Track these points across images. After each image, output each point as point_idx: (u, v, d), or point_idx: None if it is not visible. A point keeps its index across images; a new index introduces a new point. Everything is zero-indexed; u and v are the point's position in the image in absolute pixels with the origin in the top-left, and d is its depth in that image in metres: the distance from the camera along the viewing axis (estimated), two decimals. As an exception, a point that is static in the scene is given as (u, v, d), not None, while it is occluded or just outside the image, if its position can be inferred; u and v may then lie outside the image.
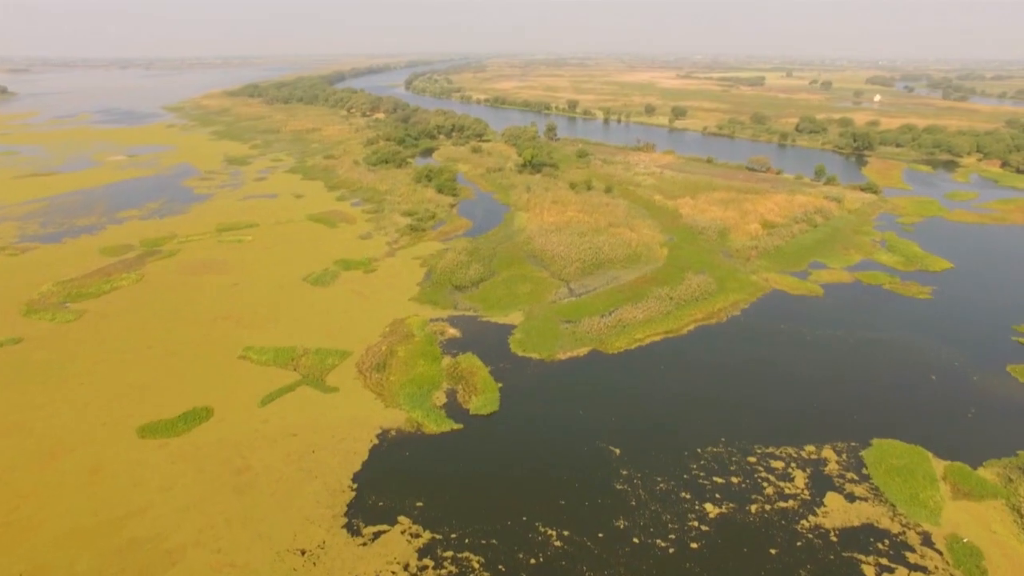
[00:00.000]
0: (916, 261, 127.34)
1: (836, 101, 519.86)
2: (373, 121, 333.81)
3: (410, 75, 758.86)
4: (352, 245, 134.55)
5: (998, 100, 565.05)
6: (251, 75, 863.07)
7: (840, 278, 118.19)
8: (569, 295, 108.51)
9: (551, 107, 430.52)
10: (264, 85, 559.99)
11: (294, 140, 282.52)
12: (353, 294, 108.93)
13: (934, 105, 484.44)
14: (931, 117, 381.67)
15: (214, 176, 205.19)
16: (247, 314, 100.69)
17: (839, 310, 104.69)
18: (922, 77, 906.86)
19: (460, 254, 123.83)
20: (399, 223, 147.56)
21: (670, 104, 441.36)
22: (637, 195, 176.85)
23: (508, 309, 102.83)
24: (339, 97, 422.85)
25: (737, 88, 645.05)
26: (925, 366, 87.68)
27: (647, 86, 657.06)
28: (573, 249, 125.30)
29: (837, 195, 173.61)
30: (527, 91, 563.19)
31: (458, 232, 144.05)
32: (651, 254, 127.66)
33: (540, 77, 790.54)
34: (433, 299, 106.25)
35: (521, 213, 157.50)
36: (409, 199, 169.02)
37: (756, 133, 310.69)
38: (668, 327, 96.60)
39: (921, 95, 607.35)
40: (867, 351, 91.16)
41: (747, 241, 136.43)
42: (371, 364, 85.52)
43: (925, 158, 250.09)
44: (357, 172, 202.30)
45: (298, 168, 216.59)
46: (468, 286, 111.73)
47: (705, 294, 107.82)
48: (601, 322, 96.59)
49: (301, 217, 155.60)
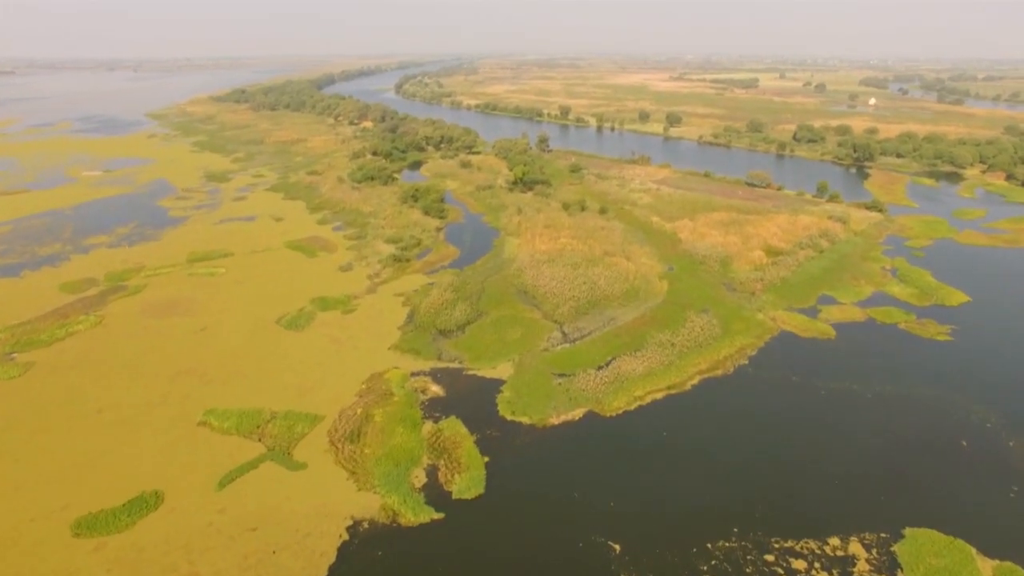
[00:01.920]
0: (931, 294, 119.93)
1: (831, 105, 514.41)
2: (360, 131, 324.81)
3: (400, 78, 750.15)
4: (331, 278, 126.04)
5: (992, 103, 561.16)
6: (241, 78, 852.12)
7: (852, 316, 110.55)
8: (562, 340, 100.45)
9: (543, 114, 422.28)
10: (252, 90, 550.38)
11: (278, 152, 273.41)
12: (329, 340, 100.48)
13: (930, 109, 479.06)
14: (928, 123, 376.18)
15: (191, 195, 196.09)
16: (213, 367, 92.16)
17: (853, 357, 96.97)
18: (914, 78, 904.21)
19: (445, 291, 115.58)
20: (382, 252, 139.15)
21: (664, 110, 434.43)
22: (633, 216, 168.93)
23: (496, 359, 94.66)
24: (327, 104, 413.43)
25: (731, 91, 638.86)
26: (954, 428, 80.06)
27: (640, 89, 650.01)
28: (566, 284, 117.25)
29: (842, 215, 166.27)
30: (519, 95, 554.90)
31: (444, 262, 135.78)
32: (650, 288, 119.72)
33: (532, 80, 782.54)
34: (415, 347, 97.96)
35: (511, 239, 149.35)
36: (394, 222, 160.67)
37: (753, 142, 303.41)
38: (670, 381, 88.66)
39: (915, 97, 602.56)
40: (887, 410, 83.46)
41: (751, 271, 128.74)
42: (344, 432, 77.27)
43: (927, 170, 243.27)
44: (341, 190, 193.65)
45: (280, 185, 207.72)
46: (454, 330, 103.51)
47: (709, 339, 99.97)
48: (597, 376, 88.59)
49: (279, 244, 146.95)
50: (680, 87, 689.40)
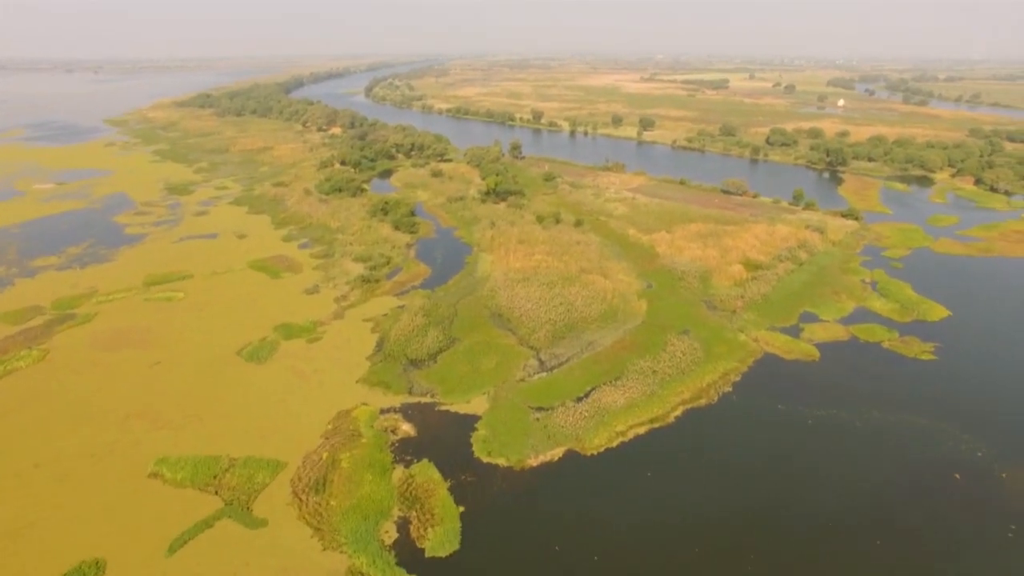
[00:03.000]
0: (912, 308, 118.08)
1: (801, 106, 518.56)
2: (329, 137, 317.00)
3: (370, 81, 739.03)
4: (296, 302, 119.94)
5: (955, 104, 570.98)
6: (206, 81, 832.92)
7: (835, 335, 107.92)
8: (539, 369, 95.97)
9: (515, 118, 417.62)
10: (217, 94, 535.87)
11: (243, 162, 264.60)
12: (293, 374, 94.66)
13: (896, 110, 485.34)
14: (896, 125, 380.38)
15: (151, 210, 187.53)
16: (167, 408, 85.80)
17: (839, 380, 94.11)
18: (879, 78, 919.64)
19: (416, 315, 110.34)
20: (350, 272, 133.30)
21: (636, 112, 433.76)
22: (609, 228, 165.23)
23: (470, 392, 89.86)
24: (294, 110, 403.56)
25: (702, 92, 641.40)
26: (945, 460, 77.40)
27: (611, 91, 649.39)
28: (542, 306, 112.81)
29: (819, 223, 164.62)
30: (490, 98, 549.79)
31: (415, 282, 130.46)
32: (628, 308, 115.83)
33: (503, 82, 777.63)
34: (385, 380, 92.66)
35: (485, 255, 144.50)
36: (363, 238, 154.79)
37: (727, 147, 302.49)
38: (653, 413, 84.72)
39: (882, 98, 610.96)
40: (877, 441, 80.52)
41: (731, 287, 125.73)
42: (309, 481, 71.85)
43: (899, 174, 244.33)
44: (308, 203, 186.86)
45: (244, 198, 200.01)
46: (425, 359, 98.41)
47: (691, 364, 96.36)
48: (577, 410, 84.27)
49: (242, 264, 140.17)
50: (651, 88, 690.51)
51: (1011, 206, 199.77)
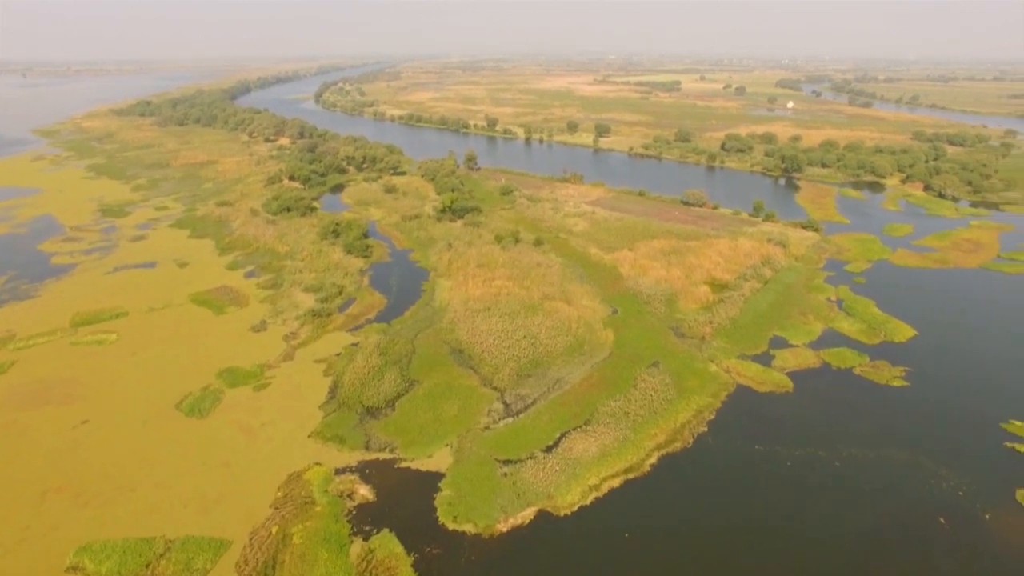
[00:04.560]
0: (879, 328, 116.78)
1: (752, 108, 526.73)
2: (277, 149, 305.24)
3: (320, 86, 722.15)
4: (242, 342, 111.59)
5: (896, 106, 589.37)
6: (147, 86, 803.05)
7: (806, 361, 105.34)
8: (504, 413, 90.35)
9: (469, 125, 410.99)
10: (158, 102, 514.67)
11: (186, 177, 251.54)
12: (239, 429, 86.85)
13: (843, 112, 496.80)
14: (844, 127, 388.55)
15: (82, 235, 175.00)
16: (93, 478, 77.13)
17: (814, 415, 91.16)
18: (824, 79, 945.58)
19: (371, 355, 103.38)
20: (300, 304, 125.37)
21: (591, 117, 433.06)
22: (570, 247, 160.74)
23: (432, 444, 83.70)
24: (240, 119, 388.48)
25: (655, 95, 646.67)
26: (929, 502, 74.75)
27: (565, 94, 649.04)
28: (505, 340, 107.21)
29: (780, 237, 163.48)
30: (444, 104, 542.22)
31: (370, 314, 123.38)
32: (595, 339, 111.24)
33: (457, 85, 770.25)
34: (339, 433, 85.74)
35: (443, 281, 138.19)
36: (313, 264, 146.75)
37: (683, 153, 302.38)
38: (627, 462, 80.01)
39: (829, 100, 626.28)
40: (858, 484, 77.39)
41: (698, 311, 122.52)
42: (256, 564, 64.66)
43: (852, 180, 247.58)
44: (255, 225, 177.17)
45: (186, 220, 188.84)
46: (382, 407, 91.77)
47: (663, 402, 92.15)
48: (547, 463, 78.94)
49: (182, 298, 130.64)
50: (605, 91, 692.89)
51: (959, 212, 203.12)
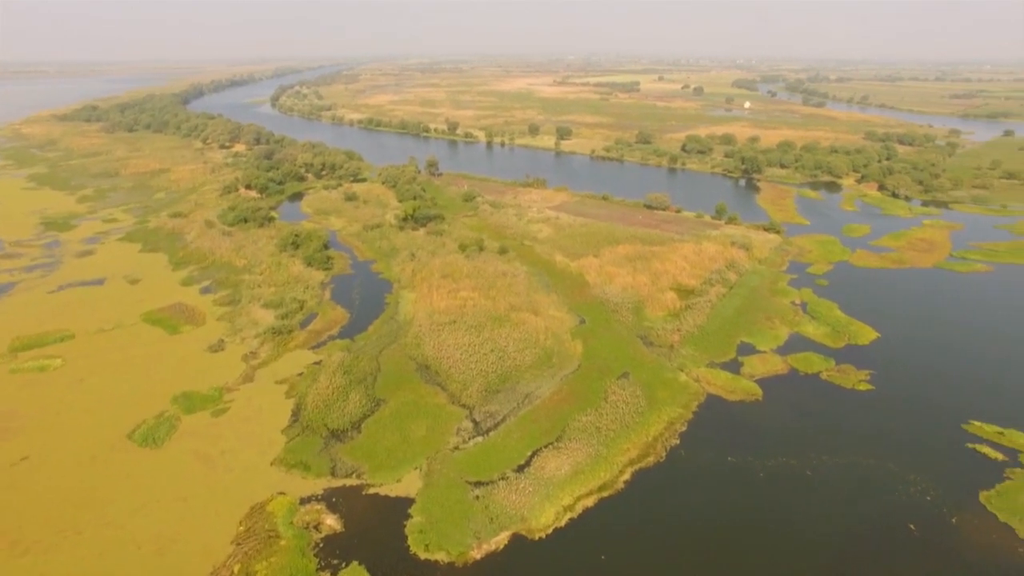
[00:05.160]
0: (843, 331, 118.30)
1: (710, 108, 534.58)
2: (232, 156, 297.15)
3: (277, 89, 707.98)
4: (198, 364, 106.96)
5: (847, 105, 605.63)
6: (93, 89, 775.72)
7: (774, 368, 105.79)
8: (474, 432, 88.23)
9: (430, 129, 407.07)
10: (105, 106, 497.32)
11: (136, 187, 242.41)
12: (196, 459, 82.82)
13: (798, 112, 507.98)
14: (800, 127, 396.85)
15: (22, 251, 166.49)
16: (33, 522, 72.14)
17: (784, 423, 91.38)
18: (778, 79, 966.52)
19: (335, 374, 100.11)
20: (260, 321, 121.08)
21: (552, 119, 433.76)
22: (535, 255, 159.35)
23: (401, 467, 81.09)
24: (193, 124, 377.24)
25: (615, 96, 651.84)
26: (898, 508, 75.33)
27: (525, 96, 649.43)
28: (472, 355, 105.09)
29: (743, 239, 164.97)
30: (403, 107, 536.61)
31: (332, 330, 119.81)
32: (563, 350, 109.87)
33: (416, 88, 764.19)
34: (304, 459, 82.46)
35: (406, 293, 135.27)
36: (272, 278, 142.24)
37: (645, 156, 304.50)
38: (601, 480, 78.72)
39: (784, 100, 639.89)
40: (829, 493, 77.53)
41: (666, 319, 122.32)
42: (214, 607, 61.31)
43: (810, 180, 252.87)
44: (210, 237, 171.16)
45: (137, 233, 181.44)
46: (348, 429, 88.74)
47: (635, 414, 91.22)
48: (519, 483, 77.14)
49: (134, 318, 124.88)
50: (565, 92, 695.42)
51: (912, 212, 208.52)
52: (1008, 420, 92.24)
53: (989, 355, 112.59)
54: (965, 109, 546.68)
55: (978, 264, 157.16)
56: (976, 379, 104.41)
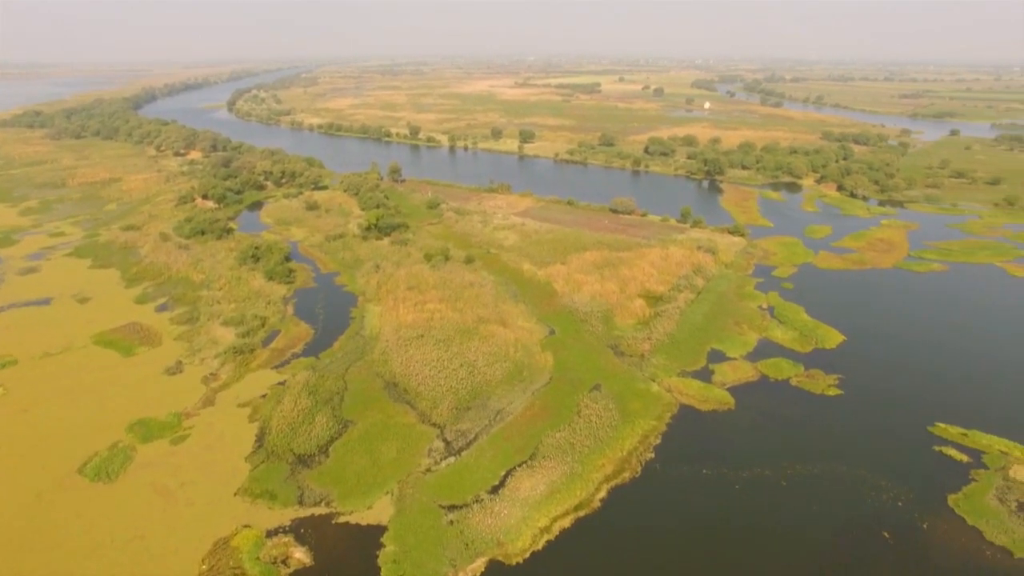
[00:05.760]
0: (810, 335, 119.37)
1: (671, 109, 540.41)
2: (188, 164, 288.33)
3: (233, 93, 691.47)
4: (155, 388, 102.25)
5: (803, 105, 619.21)
6: (36, 93, 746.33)
7: (745, 375, 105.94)
8: (445, 451, 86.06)
9: (392, 133, 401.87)
10: (50, 111, 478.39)
11: (85, 198, 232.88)
12: (155, 493, 78.74)
13: (756, 112, 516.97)
14: (759, 128, 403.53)
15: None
16: (-20, 565, 67.87)
17: (757, 432, 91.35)
18: (736, 79, 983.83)
19: (300, 395, 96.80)
20: (220, 340, 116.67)
21: (515, 122, 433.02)
22: (502, 263, 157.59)
23: (371, 492, 78.44)
24: (146, 131, 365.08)
25: (577, 97, 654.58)
26: (872, 515, 75.71)
27: (487, 98, 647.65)
28: (441, 371, 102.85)
29: (709, 243, 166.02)
30: (364, 111, 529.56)
31: (296, 347, 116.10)
32: (534, 363, 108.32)
33: (376, 91, 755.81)
34: (269, 488, 79.13)
35: (372, 306, 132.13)
36: (232, 294, 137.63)
37: (608, 158, 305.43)
38: (577, 499, 77.33)
39: (742, 100, 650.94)
40: (804, 503, 77.52)
41: (636, 327, 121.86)
42: (176, 655, 57.95)
43: (771, 181, 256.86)
44: (166, 251, 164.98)
45: (86, 248, 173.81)
46: (315, 453, 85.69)
47: (608, 428, 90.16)
48: (494, 505, 75.24)
49: (84, 340, 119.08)
50: (527, 94, 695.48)
51: (870, 212, 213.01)
52: (971, 420, 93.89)
53: (950, 356, 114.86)
54: (913, 109, 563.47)
55: (934, 264, 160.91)
56: (939, 380, 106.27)
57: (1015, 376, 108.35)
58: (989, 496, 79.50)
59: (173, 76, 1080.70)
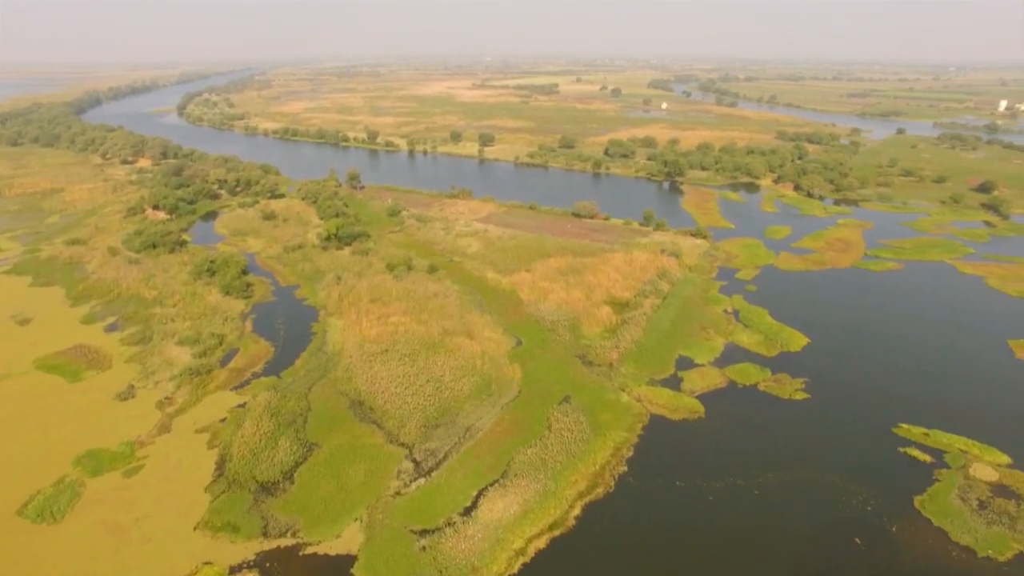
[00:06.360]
0: (775, 339, 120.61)
1: (629, 110, 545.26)
2: (137, 172, 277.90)
3: (184, 96, 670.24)
4: (105, 416, 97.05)
5: (757, 105, 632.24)
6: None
7: (714, 382, 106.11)
8: (415, 472, 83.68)
9: (349, 138, 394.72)
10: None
11: (24, 210, 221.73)
12: (106, 532, 74.27)
13: (712, 112, 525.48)
14: (716, 128, 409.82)
15: None
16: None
17: (727, 440, 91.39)
18: (691, 79, 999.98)
19: (262, 418, 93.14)
20: (175, 361, 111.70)
21: (474, 124, 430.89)
22: (466, 272, 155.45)
23: (340, 520, 75.58)
24: (91, 137, 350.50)
25: (535, 99, 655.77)
26: (844, 521, 76.32)
27: (445, 100, 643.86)
28: (408, 387, 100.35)
29: (672, 246, 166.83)
30: (320, 115, 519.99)
31: (256, 366, 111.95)
32: (502, 376, 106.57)
33: (332, 93, 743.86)
34: (231, 520, 75.54)
35: (334, 320, 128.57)
36: (187, 311, 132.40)
37: (569, 161, 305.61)
38: (551, 518, 75.84)
39: (698, 100, 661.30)
40: (778, 513, 77.62)
41: (603, 335, 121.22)
42: None
43: (730, 182, 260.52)
44: (114, 266, 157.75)
45: (26, 264, 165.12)
46: (279, 480, 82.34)
47: (580, 442, 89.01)
48: (467, 528, 73.22)
49: (25, 365, 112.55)
50: (485, 96, 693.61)
51: (827, 212, 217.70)
52: (931, 420, 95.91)
53: (909, 355, 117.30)
54: (861, 108, 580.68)
55: (890, 263, 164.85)
56: (900, 380, 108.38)
57: (969, 374, 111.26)
58: (952, 496, 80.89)
59: (118, 79, 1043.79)
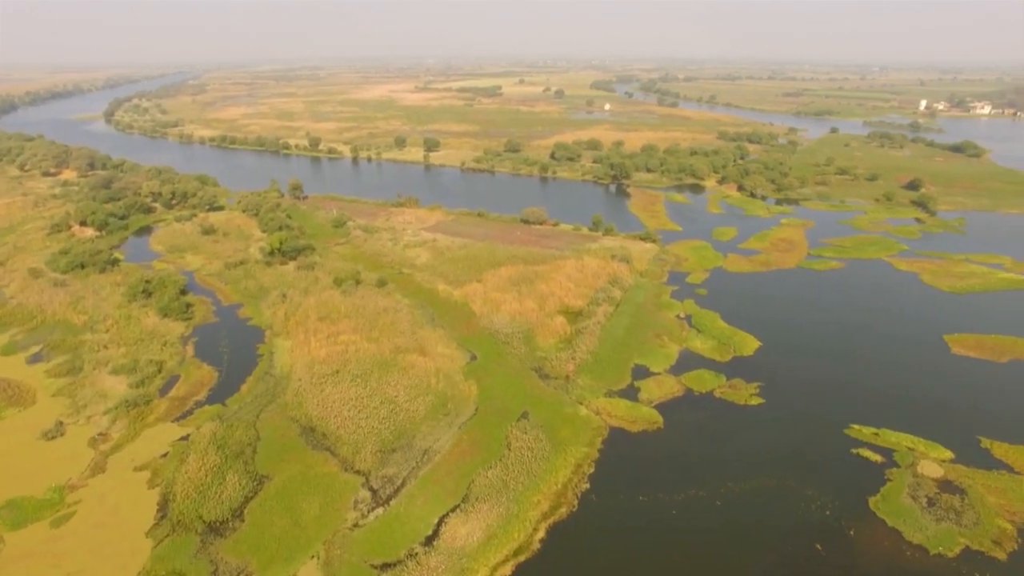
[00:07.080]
0: (728, 344, 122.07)
1: (573, 111, 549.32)
2: (61, 186, 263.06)
3: (111, 102, 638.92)
4: (29, 458, 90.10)
5: (697, 104, 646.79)
6: None
7: (671, 391, 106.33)
8: (372, 501, 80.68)
9: (290, 145, 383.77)
10: None
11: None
12: (34, 587, 68.86)
13: (655, 112, 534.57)
14: (659, 128, 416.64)
15: None
16: None
17: (687, 451, 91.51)
18: (632, 79, 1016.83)
19: (207, 451, 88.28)
20: (109, 392, 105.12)
21: (418, 129, 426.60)
22: (415, 284, 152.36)
23: (295, 557, 72.02)
24: (6, 147, 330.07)
25: (479, 101, 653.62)
26: (805, 528, 77.13)
27: (387, 104, 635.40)
28: (361, 410, 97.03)
29: (623, 252, 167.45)
30: (259, 121, 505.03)
31: (199, 394, 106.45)
32: (458, 394, 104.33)
33: (271, 98, 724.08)
34: (177, 567, 70.87)
35: (281, 341, 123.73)
36: (122, 336, 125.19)
37: (516, 165, 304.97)
38: (516, 542, 74.09)
39: (640, 100, 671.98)
40: (740, 523, 77.85)
41: (558, 346, 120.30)
42: None
43: (676, 184, 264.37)
44: (37, 290, 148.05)
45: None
46: (228, 519, 77.98)
47: (541, 461, 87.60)
48: (429, 560, 70.75)
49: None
50: (428, 99, 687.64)
51: (770, 212, 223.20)
52: (879, 418, 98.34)
53: (855, 354, 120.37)
54: (796, 107, 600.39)
55: (832, 262, 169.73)
56: (849, 380, 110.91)
57: (911, 371, 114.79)
58: (903, 495, 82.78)
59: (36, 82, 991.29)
